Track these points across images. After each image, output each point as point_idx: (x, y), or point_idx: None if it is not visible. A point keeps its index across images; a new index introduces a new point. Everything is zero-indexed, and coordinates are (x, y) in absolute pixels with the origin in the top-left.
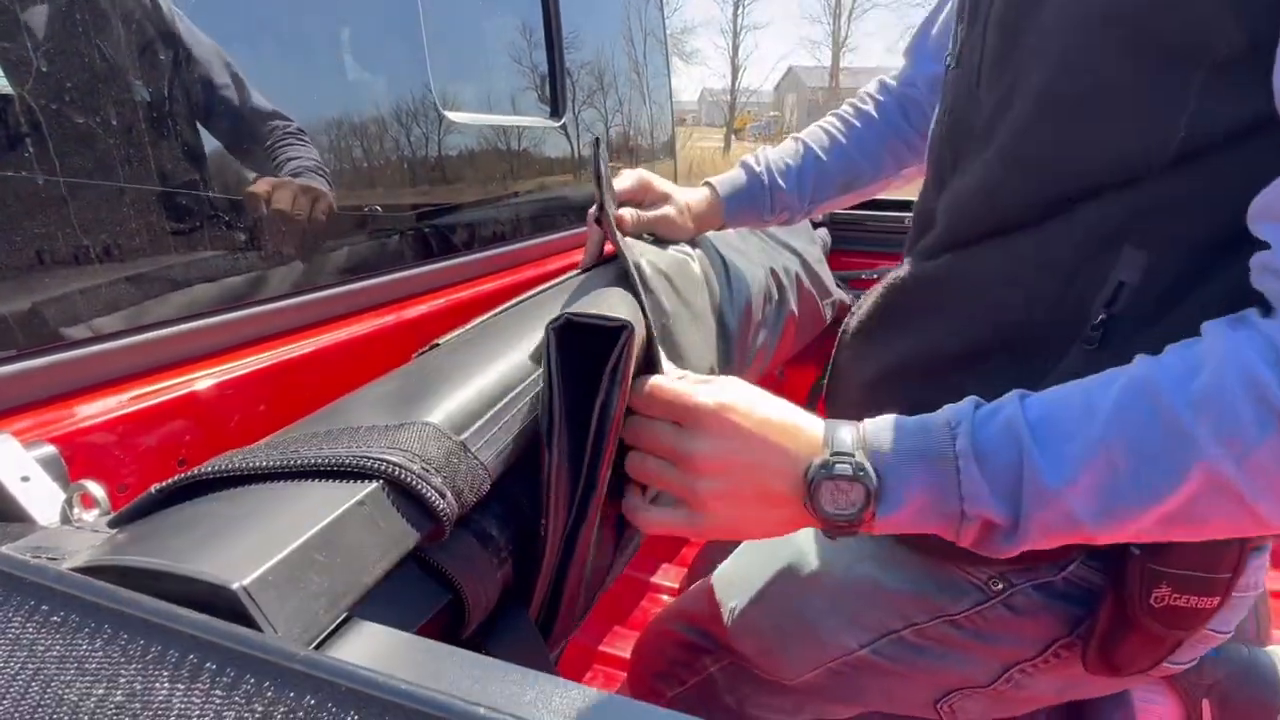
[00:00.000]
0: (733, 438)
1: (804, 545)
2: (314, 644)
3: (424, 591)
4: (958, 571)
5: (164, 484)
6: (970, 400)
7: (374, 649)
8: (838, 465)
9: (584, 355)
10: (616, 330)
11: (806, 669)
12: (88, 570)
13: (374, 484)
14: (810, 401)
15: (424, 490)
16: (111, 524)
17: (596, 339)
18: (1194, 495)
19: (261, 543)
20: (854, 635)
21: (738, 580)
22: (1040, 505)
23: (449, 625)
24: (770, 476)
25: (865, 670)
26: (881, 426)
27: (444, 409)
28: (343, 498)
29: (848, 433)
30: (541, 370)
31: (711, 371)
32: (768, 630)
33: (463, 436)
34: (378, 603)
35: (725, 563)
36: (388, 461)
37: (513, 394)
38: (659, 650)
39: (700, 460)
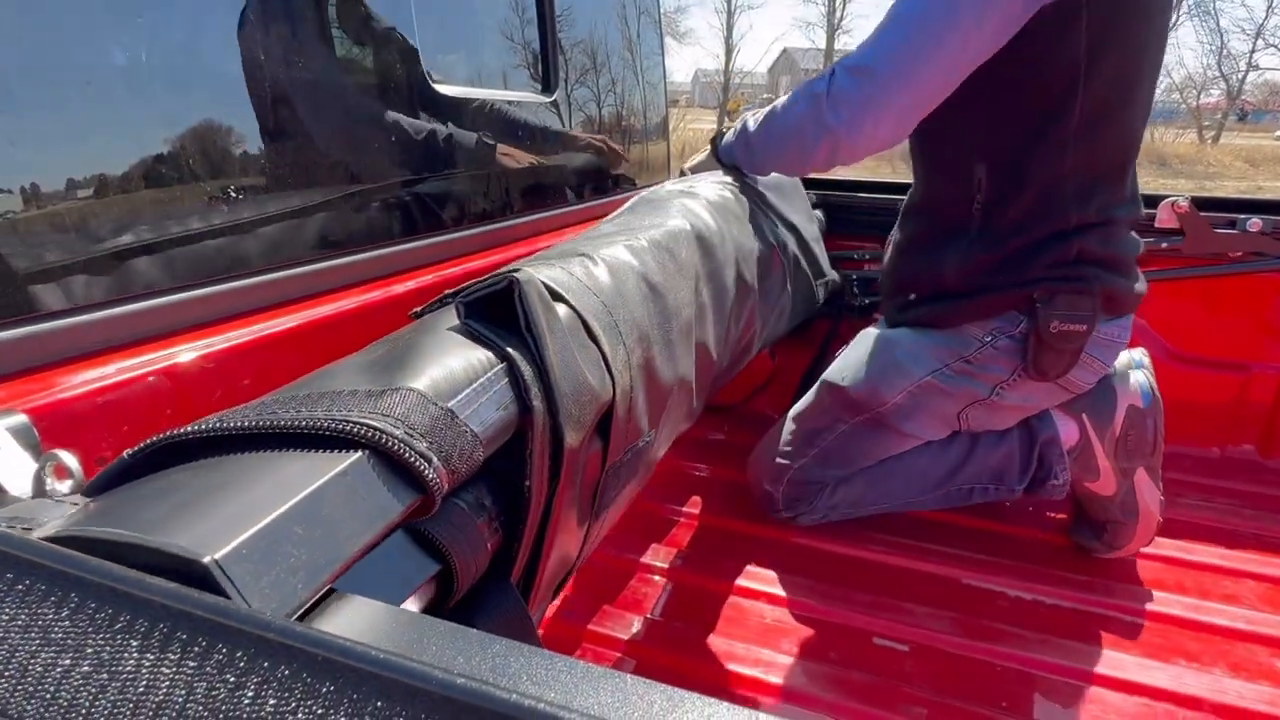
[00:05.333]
0: None
1: (887, 333)
2: (293, 618)
3: (414, 561)
4: (969, 331)
5: (136, 448)
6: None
7: (356, 622)
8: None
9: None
10: (508, 289)
11: (897, 392)
12: (56, 541)
13: (357, 453)
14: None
15: (410, 457)
16: (85, 493)
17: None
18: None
19: (236, 514)
20: (924, 367)
21: (846, 363)
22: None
23: (437, 594)
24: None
25: (928, 390)
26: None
27: (430, 376)
28: (324, 467)
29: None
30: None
31: (688, 330)
32: (873, 372)
33: (450, 404)
34: (364, 571)
35: (831, 366)
36: (369, 426)
37: (501, 364)
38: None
39: None
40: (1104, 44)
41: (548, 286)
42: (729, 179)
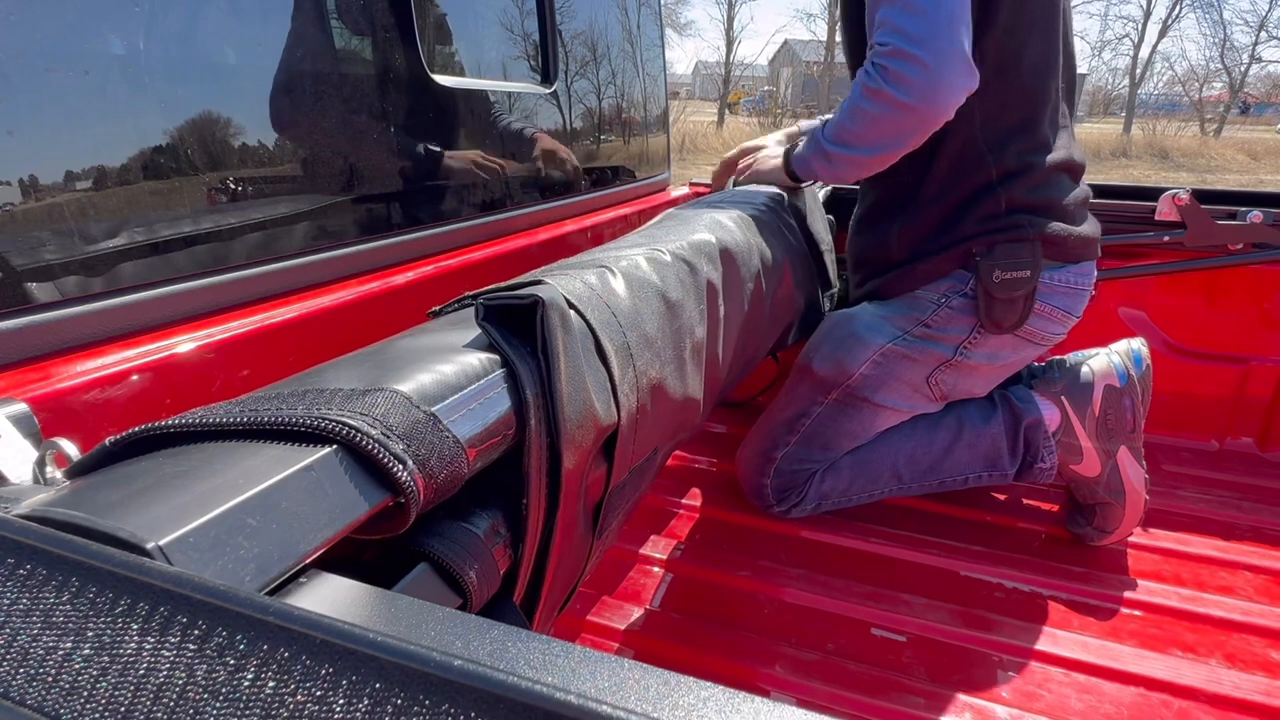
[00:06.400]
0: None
1: (846, 310)
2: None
3: (438, 594)
4: (923, 296)
5: (118, 436)
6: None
7: (352, 605)
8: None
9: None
10: (532, 306)
11: (860, 363)
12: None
13: (327, 448)
14: None
15: (383, 457)
16: (67, 474)
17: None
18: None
19: (192, 502)
20: (884, 335)
21: (811, 344)
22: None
23: None
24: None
25: (892, 357)
26: (800, 150)
27: (418, 379)
28: (291, 460)
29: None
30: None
31: (701, 347)
32: (836, 347)
33: (435, 408)
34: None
35: (801, 351)
36: (344, 424)
37: (499, 373)
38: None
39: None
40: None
41: (568, 301)
42: (763, 190)
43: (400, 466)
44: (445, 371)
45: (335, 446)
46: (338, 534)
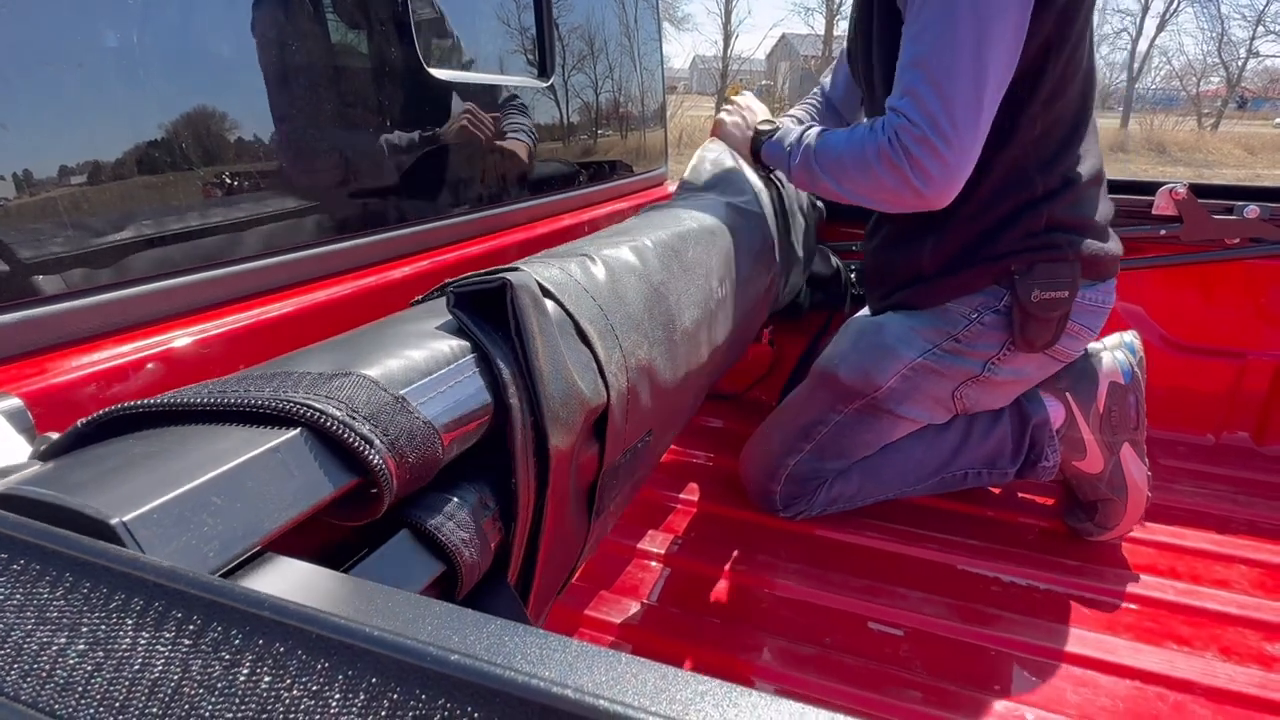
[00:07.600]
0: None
1: (875, 318)
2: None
3: (418, 561)
4: (954, 310)
5: (89, 418)
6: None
7: (350, 598)
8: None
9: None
10: (501, 289)
11: (889, 376)
12: None
13: (294, 431)
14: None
15: (349, 438)
16: (39, 456)
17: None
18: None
19: (157, 481)
20: (914, 349)
21: (836, 350)
22: (794, 168)
23: (440, 596)
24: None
25: (921, 372)
26: (773, 138)
27: (385, 364)
28: (258, 442)
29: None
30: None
31: (692, 330)
32: (863, 357)
33: (403, 391)
34: (365, 570)
35: (821, 355)
36: (309, 406)
37: (471, 357)
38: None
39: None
40: (1071, 12)
41: (543, 287)
42: (752, 179)
43: (368, 447)
44: (414, 356)
45: (301, 429)
46: (302, 514)
